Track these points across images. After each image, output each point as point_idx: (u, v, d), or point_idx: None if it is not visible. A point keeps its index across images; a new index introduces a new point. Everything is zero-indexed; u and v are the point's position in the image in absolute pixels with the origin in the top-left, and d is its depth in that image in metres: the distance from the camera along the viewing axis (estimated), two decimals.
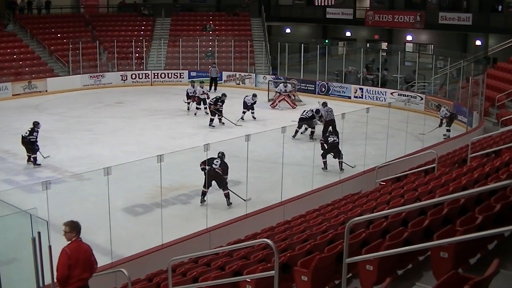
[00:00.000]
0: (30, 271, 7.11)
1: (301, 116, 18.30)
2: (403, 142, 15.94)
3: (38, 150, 15.47)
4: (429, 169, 11.47)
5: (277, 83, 24.68)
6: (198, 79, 26.86)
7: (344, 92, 25.97)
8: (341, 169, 14.58)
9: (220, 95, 20.62)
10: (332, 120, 17.36)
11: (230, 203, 12.29)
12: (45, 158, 15.60)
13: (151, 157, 9.82)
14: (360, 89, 25.77)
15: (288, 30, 37.26)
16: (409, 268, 5.50)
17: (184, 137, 18.41)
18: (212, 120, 19.99)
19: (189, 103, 22.25)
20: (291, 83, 24.54)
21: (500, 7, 28.90)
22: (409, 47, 32.23)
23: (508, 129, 14.06)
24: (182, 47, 30.19)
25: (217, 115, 19.99)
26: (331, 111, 17.64)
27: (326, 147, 14.84)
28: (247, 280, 5.96)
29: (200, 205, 12.31)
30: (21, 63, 27.49)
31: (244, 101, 20.91)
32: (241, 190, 12.11)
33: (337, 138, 15.10)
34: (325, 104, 18.16)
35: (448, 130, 18.29)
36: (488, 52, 28.07)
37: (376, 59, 28.76)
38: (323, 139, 15.23)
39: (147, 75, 28.90)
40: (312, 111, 18.36)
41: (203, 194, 12.31)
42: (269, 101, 24.29)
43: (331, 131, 15.81)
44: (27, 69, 27.18)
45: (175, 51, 30.38)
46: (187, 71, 29.21)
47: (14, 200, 9.11)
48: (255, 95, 21.23)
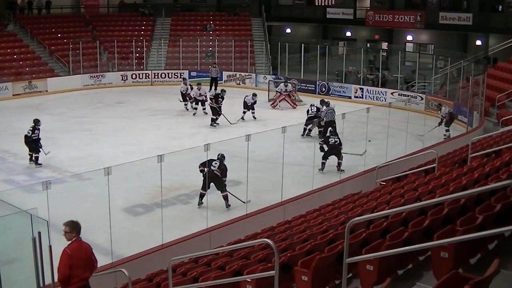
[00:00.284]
0: (30, 271, 7.11)
1: (308, 116, 18.44)
2: (403, 142, 15.94)
3: (41, 147, 15.45)
4: (429, 169, 11.46)
5: (278, 83, 24.69)
6: (198, 79, 26.90)
7: (344, 92, 25.98)
8: (339, 170, 14.38)
9: (220, 91, 20.81)
10: (332, 121, 17.17)
11: (228, 205, 12.13)
12: (46, 154, 15.59)
13: (151, 157, 9.83)
14: (361, 89, 25.77)
15: (288, 30, 37.26)
16: (409, 268, 5.50)
17: (184, 137, 18.41)
18: (215, 119, 20.15)
19: (186, 104, 22.33)
20: (291, 83, 24.55)
21: (500, 7, 28.90)
22: (409, 47, 32.22)
23: (508, 129, 14.05)
24: (182, 47, 30.19)
25: (216, 112, 20.06)
26: (331, 112, 17.42)
27: (325, 148, 14.58)
28: (248, 280, 5.96)
29: (197, 207, 12.25)
30: (21, 63, 27.50)
31: (244, 101, 20.91)
32: (241, 190, 12.09)
33: (338, 139, 14.69)
34: (327, 104, 18.11)
35: (447, 130, 18.27)
36: (489, 52, 28.05)
37: (377, 59, 28.75)
38: (322, 141, 14.99)
39: (147, 75, 28.91)
40: (314, 105, 18.56)
41: (201, 196, 12.23)
42: (269, 101, 24.30)
43: (332, 131, 15.49)
44: (27, 69, 27.20)
45: (175, 51, 30.38)
46: (187, 71, 29.20)
47: (15, 200, 9.12)
48: (255, 94, 21.22)
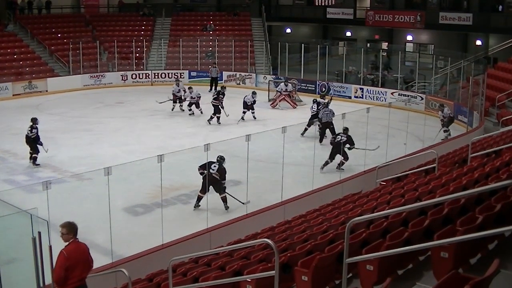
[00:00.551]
0: (30, 271, 7.10)
1: (312, 114, 18.52)
2: (403, 142, 15.94)
3: (41, 145, 15.47)
4: (429, 169, 11.47)
5: (278, 83, 24.69)
6: (199, 79, 26.94)
7: (345, 92, 25.97)
8: (338, 168, 14.47)
9: (220, 88, 21.04)
10: (329, 122, 17.10)
11: (227, 207, 12.07)
12: (46, 151, 15.59)
13: (151, 157, 9.82)
14: (361, 89, 25.77)
15: (288, 30, 37.24)
16: (409, 268, 5.50)
17: (184, 137, 18.41)
18: (218, 118, 20.32)
19: (174, 105, 22.21)
20: (291, 83, 24.55)
21: (500, 7, 28.89)
22: (409, 47, 32.19)
23: (508, 129, 14.05)
24: (182, 47, 30.17)
25: (218, 110, 20.24)
26: (328, 113, 17.30)
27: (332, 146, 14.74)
28: (248, 280, 5.96)
29: (193, 209, 12.15)
30: (21, 63, 27.50)
31: (244, 101, 20.88)
32: (242, 190, 12.09)
33: (346, 137, 14.67)
34: (326, 105, 18.04)
35: (446, 131, 18.21)
36: (489, 52, 28.03)
37: (378, 59, 28.71)
38: (332, 138, 15.18)
39: (147, 75, 28.89)
40: (315, 101, 18.76)
41: (199, 199, 12.07)
42: (269, 101, 24.29)
43: (346, 128, 15.13)
44: (27, 69, 27.20)
45: (175, 51, 30.35)
46: (187, 71, 29.19)
47: (15, 200, 9.13)
48: (255, 92, 21.30)
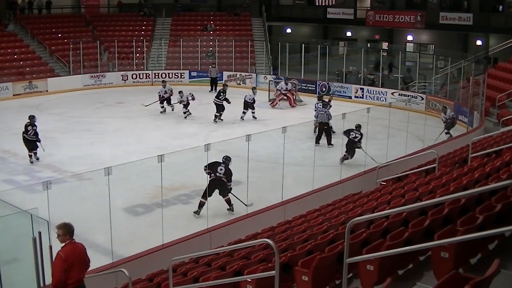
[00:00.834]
0: (30, 271, 7.12)
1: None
2: (403, 142, 15.94)
3: (39, 141, 15.55)
4: (429, 169, 11.46)
5: (278, 82, 24.67)
6: (199, 79, 26.93)
7: (345, 92, 25.97)
8: (341, 162, 14.98)
9: (222, 86, 21.40)
10: (325, 123, 16.99)
11: (232, 209, 11.85)
12: (44, 151, 15.64)
13: (151, 157, 9.82)
14: (361, 89, 25.76)
15: (288, 30, 37.24)
16: (409, 268, 5.50)
17: (184, 137, 18.42)
18: (220, 115, 20.52)
19: (163, 107, 21.91)
20: (292, 83, 24.54)
21: (500, 7, 28.90)
22: (409, 47, 32.18)
23: (508, 129, 14.04)
24: (182, 47, 30.18)
25: (221, 108, 20.46)
26: (323, 114, 17.19)
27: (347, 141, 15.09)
28: (248, 280, 5.96)
29: (193, 215, 11.75)
30: (21, 63, 27.50)
31: (245, 100, 20.88)
32: (242, 190, 12.08)
33: (359, 135, 15.02)
34: (324, 105, 17.81)
35: (447, 133, 18.19)
36: (489, 52, 28.03)
37: (378, 60, 28.68)
38: (344, 132, 15.36)
39: (147, 75, 28.89)
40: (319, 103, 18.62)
41: (201, 205, 11.65)
42: (269, 101, 24.28)
43: (358, 126, 15.33)
44: (27, 69, 27.20)
45: (175, 51, 30.36)
46: (187, 71, 29.20)
47: (15, 200, 9.14)
48: (254, 88, 21.53)
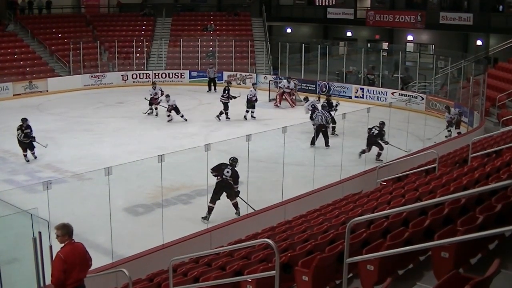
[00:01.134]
0: (30, 271, 7.12)
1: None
2: (404, 142, 15.95)
3: (34, 141, 15.62)
4: (430, 169, 11.45)
5: (279, 82, 24.67)
6: (199, 79, 26.89)
7: (345, 92, 25.96)
8: (376, 160, 15.27)
9: (226, 84, 21.83)
10: (323, 125, 16.85)
11: (238, 213, 11.66)
12: (45, 147, 15.79)
13: (152, 157, 9.82)
14: (361, 89, 25.76)
15: (289, 30, 37.24)
16: (410, 268, 5.50)
17: (185, 137, 18.41)
18: (226, 114, 20.70)
19: (151, 109, 21.54)
20: (293, 81, 24.52)
21: (501, 7, 28.90)
22: (410, 47, 32.19)
23: (508, 129, 14.04)
24: (183, 47, 30.18)
25: (227, 107, 20.69)
26: (321, 116, 17.01)
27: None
28: (248, 280, 5.95)
29: (201, 220, 11.41)
30: (22, 63, 27.51)
31: (248, 98, 20.89)
32: (242, 190, 12.05)
33: (378, 130, 15.30)
34: (323, 107, 17.74)
35: (449, 131, 18.21)
36: (489, 52, 28.02)
37: (377, 59, 28.68)
38: (369, 129, 15.59)
39: (148, 75, 28.87)
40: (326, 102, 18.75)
41: (210, 210, 11.41)
42: (270, 101, 24.28)
43: (381, 123, 15.47)
44: (28, 69, 27.19)
45: (176, 51, 30.36)
46: (188, 71, 29.20)
47: (15, 200, 9.15)
48: (255, 83, 21.61)
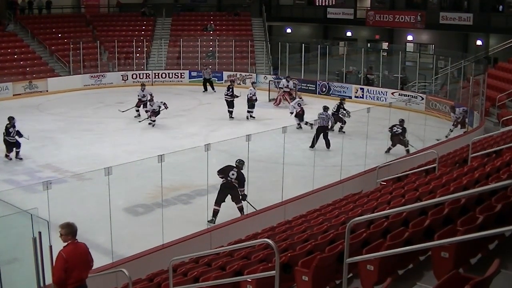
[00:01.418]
0: (30, 271, 7.11)
1: (333, 112, 18.71)
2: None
3: (21, 136, 15.67)
4: (430, 169, 11.45)
5: (278, 82, 24.67)
6: (199, 79, 26.81)
7: (345, 92, 25.95)
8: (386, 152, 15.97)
9: (229, 82, 22.39)
10: (324, 126, 16.79)
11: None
12: (28, 138, 15.82)
13: (152, 157, 9.82)
14: (361, 89, 25.76)
15: (289, 30, 37.25)
16: (410, 268, 5.50)
17: (184, 137, 18.41)
18: (231, 112, 20.97)
19: (138, 111, 21.04)
20: (293, 82, 24.52)
21: (501, 7, 28.91)
22: (410, 47, 32.19)
23: (508, 129, 14.04)
24: (183, 47, 30.19)
25: (232, 105, 20.99)
26: (324, 118, 16.92)
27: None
28: (248, 280, 5.95)
29: (207, 224, 11.22)
30: (22, 63, 27.50)
31: (248, 98, 20.94)
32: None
33: (401, 128, 15.89)
34: (325, 108, 17.57)
35: (451, 131, 18.21)
36: (489, 52, 28.03)
37: (377, 59, 28.68)
38: (389, 129, 16.12)
39: (147, 75, 28.87)
40: (337, 105, 19.00)
41: (215, 213, 11.34)
42: (269, 101, 24.27)
43: (401, 120, 16.19)
44: (28, 69, 27.18)
45: (176, 51, 30.37)
46: (187, 71, 29.21)
47: (15, 200, 9.14)
48: (254, 82, 21.70)
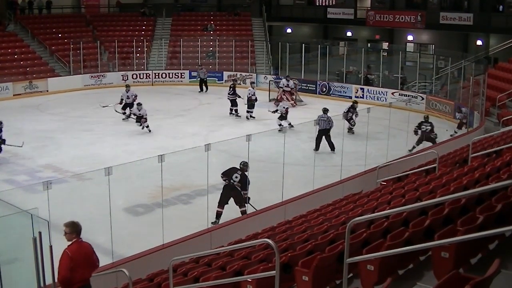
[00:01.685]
0: (31, 271, 7.10)
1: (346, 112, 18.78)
2: (404, 142, 15.95)
3: (4, 143, 15.65)
4: (430, 169, 11.45)
5: (278, 82, 24.68)
6: (198, 79, 26.81)
7: (345, 92, 25.95)
8: (409, 151, 15.96)
9: (232, 81, 22.71)
10: (325, 129, 16.66)
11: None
12: (21, 146, 15.77)
13: (152, 157, 9.82)
14: (361, 89, 25.75)
15: (289, 30, 37.25)
16: (410, 268, 5.50)
17: (185, 137, 18.42)
18: (234, 111, 21.15)
19: (125, 113, 20.74)
20: (293, 81, 24.53)
21: (501, 7, 28.90)
22: (410, 47, 32.20)
23: (509, 129, 14.05)
24: (183, 47, 30.19)
25: (235, 103, 21.17)
26: (325, 120, 16.73)
27: (418, 133, 16.23)
28: (248, 280, 5.95)
29: (211, 225, 11.12)
30: (22, 63, 27.51)
31: (248, 97, 20.94)
32: None
33: (430, 126, 16.22)
34: (324, 111, 17.37)
35: (456, 132, 18.28)
36: (489, 52, 28.03)
37: (377, 59, 28.69)
38: (416, 126, 16.34)
39: (148, 75, 28.89)
40: (348, 107, 18.94)
41: (218, 215, 11.37)
42: (270, 100, 24.28)
43: (426, 117, 16.62)
44: (28, 69, 27.18)
45: (176, 51, 30.37)
46: (188, 71, 29.20)
47: (15, 200, 9.13)
48: (253, 82, 21.83)
